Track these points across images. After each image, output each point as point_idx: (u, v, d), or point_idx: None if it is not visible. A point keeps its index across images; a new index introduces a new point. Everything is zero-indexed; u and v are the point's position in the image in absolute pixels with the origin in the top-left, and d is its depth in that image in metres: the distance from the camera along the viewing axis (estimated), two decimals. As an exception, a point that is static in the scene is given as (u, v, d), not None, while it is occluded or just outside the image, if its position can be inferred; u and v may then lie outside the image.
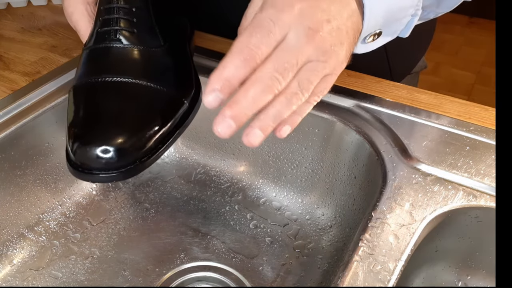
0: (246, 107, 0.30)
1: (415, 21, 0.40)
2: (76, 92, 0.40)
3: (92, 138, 0.36)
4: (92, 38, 0.42)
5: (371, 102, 0.50)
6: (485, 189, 0.40)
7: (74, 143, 0.36)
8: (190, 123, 0.42)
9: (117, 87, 0.39)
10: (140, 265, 0.49)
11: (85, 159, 0.36)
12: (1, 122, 0.48)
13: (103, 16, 0.41)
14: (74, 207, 0.55)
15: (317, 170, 0.53)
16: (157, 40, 0.42)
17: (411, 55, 0.68)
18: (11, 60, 0.58)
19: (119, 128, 0.37)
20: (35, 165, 0.51)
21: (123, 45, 0.40)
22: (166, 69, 0.42)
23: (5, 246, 0.49)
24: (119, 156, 0.36)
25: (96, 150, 0.35)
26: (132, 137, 0.37)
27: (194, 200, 0.57)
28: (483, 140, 0.45)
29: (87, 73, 0.41)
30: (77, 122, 0.38)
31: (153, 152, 0.38)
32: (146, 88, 0.39)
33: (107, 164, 0.36)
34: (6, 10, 0.70)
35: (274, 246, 0.51)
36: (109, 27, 0.41)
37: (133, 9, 0.41)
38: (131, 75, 0.39)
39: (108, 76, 0.39)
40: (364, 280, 0.34)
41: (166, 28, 0.44)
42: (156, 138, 0.38)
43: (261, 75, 0.30)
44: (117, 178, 0.36)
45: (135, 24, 0.41)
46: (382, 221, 0.38)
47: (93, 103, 0.39)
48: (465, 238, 0.43)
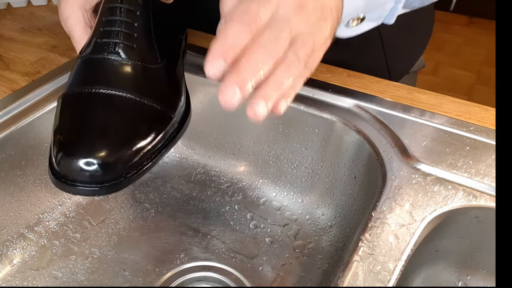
0: (250, 72, 0.30)
1: (399, 8, 0.41)
2: (66, 101, 0.39)
3: (78, 150, 0.35)
4: (89, 48, 0.41)
5: (371, 102, 0.50)
6: (485, 189, 0.40)
7: (59, 153, 0.35)
8: (178, 141, 0.42)
9: (109, 100, 0.38)
10: (140, 265, 0.49)
11: (69, 170, 0.35)
12: (1, 122, 0.48)
13: (104, 27, 0.40)
14: (74, 207, 0.55)
15: (317, 170, 0.53)
16: (154, 57, 0.42)
17: (409, 53, 0.68)
18: (11, 60, 0.58)
19: (106, 141, 0.36)
20: (35, 165, 0.51)
21: (121, 59, 0.40)
22: (160, 86, 0.42)
23: (5, 246, 0.49)
24: (104, 169, 0.35)
25: (81, 162, 0.34)
26: (119, 151, 0.36)
27: (194, 200, 0.57)
28: (483, 140, 0.45)
29: (80, 83, 0.40)
30: (64, 131, 0.37)
31: (139, 168, 0.37)
32: (138, 103, 0.39)
33: (91, 177, 0.35)
34: (6, 10, 0.70)
35: (274, 246, 0.51)
36: (109, 39, 0.40)
37: (135, 24, 0.41)
38: (125, 89, 0.39)
39: (102, 88, 0.38)
40: (364, 280, 0.34)
41: (164, 45, 0.43)
42: (143, 153, 0.37)
43: (262, 41, 0.31)
44: (100, 193, 0.36)
45: (135, 39, 0.41)
46: (382, 221, 0.38)
47: (84, 113, 0.38)
48: (465, 238, 0.43)
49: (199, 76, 0.54)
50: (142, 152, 0.37)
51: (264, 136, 0.55)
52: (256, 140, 0.56)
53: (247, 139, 0.57)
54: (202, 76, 0.54)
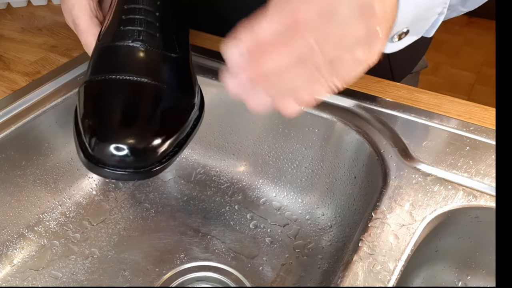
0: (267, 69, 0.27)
1: (441, 20, 0.39)
2: (92, 87, 0.39)
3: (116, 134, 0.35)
4: (109, 35, 0.41)
5: (371, 102, 0.50)
6: (485, 189, 0.40)
7: (92, 138, 0.35)
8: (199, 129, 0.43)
9: (138, 87, 0.39)
10: (140, 265, 0.49)
11: (105, 155, 0.35)
12: (1, 122, 0.48)
13: (127, 15, 0.41)
14: (74, 207, 0.55)
15: (317, 170, 0.53)
16: (174, 47, 0.42)
17: (412, 54, 0.68)
18: (11, 60, 0.58)
19: (143, 128, 0.37)
20: (35, 165, 0.51)
21: (145, 47, 0.40)
22: (181, 75, 0.42)
23: (5, 246, 0.49)
24: (140, 156, 0.35)
25: (118, 147, 0.35)
26: (155, 138, 0.36)
27: (194, 200, 0.57)
28: (483, 140, 0.45)
29: (105, 69, 0.40)
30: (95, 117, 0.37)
31: (171, 154, 0.38)
32: (165, 91, 0.40)
33: (126, 163, 0.35)
34: (6, 10, 0.70)
35: (274, 246, 0.51)
36: (133, 27, 0.40)
37: (157, 14, 0.41)
38: (151, 76, 0.39)
39: (129, 75, 0.39)
40: (364, 280, 0.34)
41: (180, 37, 0.44)
42: (175, 140, 0.38)
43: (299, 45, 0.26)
44: (136, 177, 0.36)
45: (158, 28, 0.41)
46: (382, 221, 0.38)
47: (114, 100, 0.38)
48: (465, 238, 0.43)
49: (199, 76, 0.54)
50: (175, 138, 0.38)
51: (264, 136, 0.55)
52: (256, 140, 0.56)
53: (247, 139, 0.57)
54: (202, 76, 0.54)
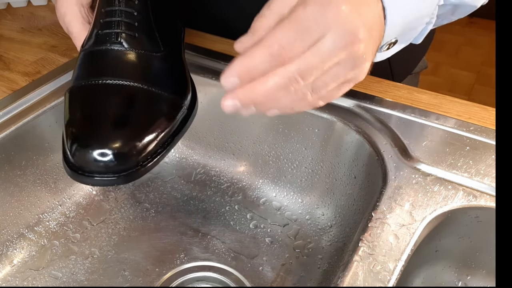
0: (257, 96, 0.30)
1: (429, 29, 0.39)
2: (74, 94, 0.40)
3: (93, 141, 0.36)
4: (90, 40, 0.41)
5: (371, 102, 0.50)
6: (485, 189, 0.40)
7: (73, 145, 0.36)
8: (188, 128, 0.42)
9: (117, 90, 0.39)
10: (140, 265, 0.49)
11: (85, 161, 0.35)
12: (1, 122, 0.48)
13: (104, 18, 0.41)
14: (74, 207, 0.55)
15: (317, 170, 0.53)
16: (157, 45, 0.42)
17: (412, 55, 0.68)
18: (11, 60, 0.58)
19: (120, 131, 0.37)
20: (35, 165, 0.51)
21: (124, 48, 0.40)
22: (165, 74, 0.42)
23: (5, 246, 0.49)
24: (120, 159, 0.35)
25: (97, 152, 0.35)
26: (133, 140, 0.36)
27: (194, 200, 0.57)
28: (483, 140, 0.45)
29: (86, 75, 0.40)
30: (77, 123, 0.38)
31: (154, 156, 0.38)
32: (146, 92, 0.39)
33: (107, 168, 0.35)
34: (6, 10, 0.70)
35: (274, 246, 0.51)
36: (110, 30, 0.40)
37: (135, 13, 0.41)
38: (132, 78, 0.39)
39: (108, 78, 0.39)
40: (364, 280, 0.34)
41: (165, 34, 0.44)
42: (157, 141, 0.37)
43: (283, 74, 0.30)
44: (117, 182, 0.36)
45: (137, 28, 0.41)
46: (382, 221, 0.38)
47: (93, 105, 0.38)
48: (465, 238, 0.43)
49: (199, 76, 0.54)
50: (156, 140, 0.37)
51: (264, 136, 0.55)
52: (256, 140, 0.56)
53: (247, 139, 0.57)
54: (202, 76, 0.54)
